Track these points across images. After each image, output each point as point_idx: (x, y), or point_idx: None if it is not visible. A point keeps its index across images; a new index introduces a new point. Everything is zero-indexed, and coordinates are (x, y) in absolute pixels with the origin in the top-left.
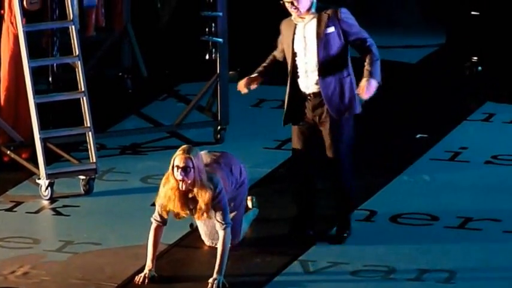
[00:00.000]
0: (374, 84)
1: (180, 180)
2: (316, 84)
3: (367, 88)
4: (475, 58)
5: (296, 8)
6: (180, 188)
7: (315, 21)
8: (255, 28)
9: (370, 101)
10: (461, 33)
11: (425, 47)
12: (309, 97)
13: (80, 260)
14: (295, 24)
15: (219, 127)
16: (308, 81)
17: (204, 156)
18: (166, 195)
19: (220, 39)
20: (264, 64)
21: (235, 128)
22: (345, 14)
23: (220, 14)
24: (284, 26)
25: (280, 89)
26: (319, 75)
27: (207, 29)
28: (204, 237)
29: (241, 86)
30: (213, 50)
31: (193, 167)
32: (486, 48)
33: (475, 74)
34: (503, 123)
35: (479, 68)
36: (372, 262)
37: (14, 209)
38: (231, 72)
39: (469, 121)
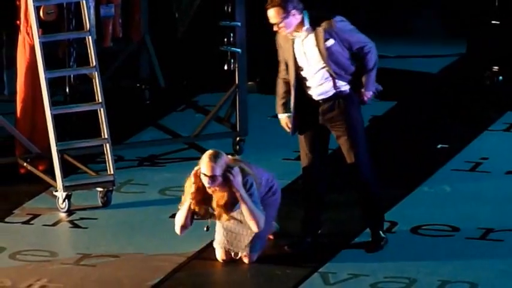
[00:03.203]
0: (368, 94)
1: (208, 187)
2: (328, 91)
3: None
4: (496, 68)
5: (281, 28)
6: (209, 192)
7: (312, 36)
8: (274, 38)
9: (390, 111)
10: (481, 42)
11: (445, 56)
12: (320, 101)
13: (97, 273)
14: (293, 39)
15: (238, 138)
16: (318, 90)
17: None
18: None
19: (239, 49)
20: (282, 98)
21: (255, 139)
22: (339, 24)
23: (239, 23)
24: (281, 40)
25: None
26: (334, 84)
27: (225, 39)
28: (221, 245)
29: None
30: (232, 60)
31: (222, 174)
32: (507, 57)
33: (495, 84)
34: None
35: (500, 77)
36: (392, 274)
37: (31, 222)
38: (249, 83)
39: (490, 131)
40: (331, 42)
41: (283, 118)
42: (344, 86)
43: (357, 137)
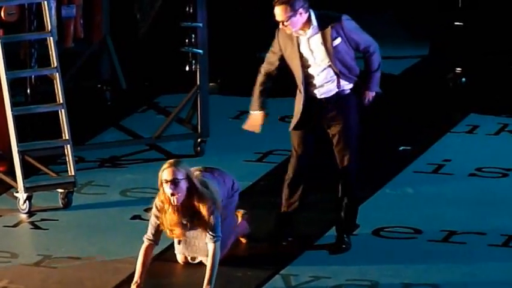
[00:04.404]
0: (371, 94)
1: (171, 195)
2: (331, 90)
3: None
4: (459, 69)
5: (287, 26)
6: (173, 203)
7: (319, 35)
8: (235, 39)
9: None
10: (444, 44)
11: (408, 58)
12: (322, 100)
13: (58, 274)
14: (297, 37)
15: (199, 139)
16: (321, 89)
17: (195, 170)
18: (161, 211)
19: (200, 51)
20: (261, 89)
21: (216, 140)
22: (346, 22)
23: (200, 24)
24: (282, 37)
25: None
26: (338, 83)
27: (187, 40)
28: (180, 251)
29: (256, 127)
30: (193, 62)
31: (184, 178)
32: (470, 59)
33: (458, 86)
34: (487, 135)
35: (463, 79)
36: (354, 276)
37: None
38: (211, 84)
39: (453, 133)
40: (338, 40)
41: (256, 115)
42: (347, 86)
43: (352, 140)
